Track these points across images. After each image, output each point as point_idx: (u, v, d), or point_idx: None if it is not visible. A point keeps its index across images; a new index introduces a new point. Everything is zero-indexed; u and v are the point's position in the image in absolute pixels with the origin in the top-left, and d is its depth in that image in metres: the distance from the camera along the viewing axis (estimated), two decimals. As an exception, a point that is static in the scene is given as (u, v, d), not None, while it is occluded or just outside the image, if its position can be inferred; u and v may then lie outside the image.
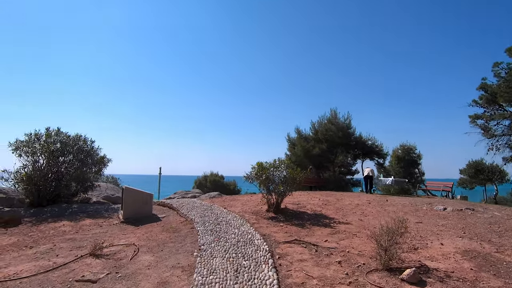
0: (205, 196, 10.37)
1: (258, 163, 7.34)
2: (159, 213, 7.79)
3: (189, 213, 6.99)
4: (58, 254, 4.58)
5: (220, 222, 5.98)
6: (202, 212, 7.10)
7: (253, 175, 7.25)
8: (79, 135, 9.48)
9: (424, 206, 8.22)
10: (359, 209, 8.06)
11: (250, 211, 7.41)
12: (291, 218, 6.73)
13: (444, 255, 4.32)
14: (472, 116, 15.93)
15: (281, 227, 5.95)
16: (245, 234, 5.11)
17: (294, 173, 6.89)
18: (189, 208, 7.64)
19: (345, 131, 16.85)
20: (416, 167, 18.69)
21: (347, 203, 8.99)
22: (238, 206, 8.20)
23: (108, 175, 26.04)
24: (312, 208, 8.10)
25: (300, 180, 7.06)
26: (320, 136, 17.44)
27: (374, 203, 8.99)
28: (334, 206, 8.51)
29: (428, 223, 6.36)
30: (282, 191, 6.67)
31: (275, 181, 7.06)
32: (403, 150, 18.58)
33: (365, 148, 17.82)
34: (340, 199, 9.85)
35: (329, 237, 5.29)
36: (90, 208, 8.37)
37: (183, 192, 12.88)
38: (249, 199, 9.82)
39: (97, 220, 7.16)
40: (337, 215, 7.28)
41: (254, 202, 9.05)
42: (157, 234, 5.57)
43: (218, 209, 7.48)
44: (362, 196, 10.93)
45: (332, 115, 17.51)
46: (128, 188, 7.15)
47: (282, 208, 7.54)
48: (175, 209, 7.90)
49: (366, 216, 7.10)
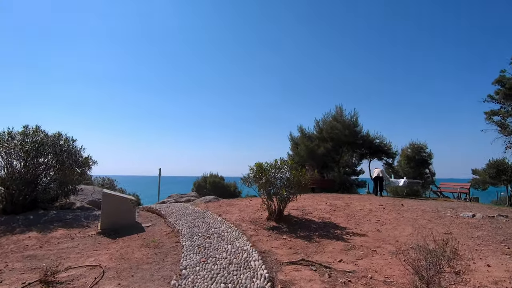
0: (200, 200, 9.41)
1: (257, 164, 6.37)
2: (145, 222, 6.83)
3: (177, 222, 6.02)
4: (3, 279, 3.62)
5: (211, 235, 5.00)
6: (192, 221, 6.13)
7: (251, 178, 6.28)
8: (59, 133, 8.55)
9: (447, 212, 7.19)
10: (373, 215, 7.06)
11: (248, 219, 6.43)
12: (295, 228, 5.74)
13: (498, 284, 3.31)
14: (488, 112, 14.83)
15: (284, 241, 4.96)
16: (239, 252, 4.13)
17: (298, 175, 5.90)
18: (179, 216, 6.68)
19: (352, 129, 15.81)
20: (427, 167, 17.61)
21: (359, 209, 7.98)
22: (234, 213, 7.22)
23: (105, 176, 25.20)
24: (320, 214, 7.10)
25: (306, 183, 6.07)
26: (324, 135, 16.42)
27: (388, 208, 7.97)
28: (344, 212, 7.51)
29: (460, 234, 5.33)
30: (285, 196, 5.68)
31: (276, 185, 6.08)
32: (413, 149, 17.50)
33: (372, 147, 16.77)
34: (349, 204, 8.84)
35: (343, 254, 4.30)
36: (69, 216, 7.42)
37: (178, 195, 11.94)
38: (248, 204, 8.84)
39: (71, 230, 6.20)
40: (349, 223, 6.27)
41: (254, 207, 8.07)
42: (133, 251, 4.60)
43: (212, 216, 6.50)
44: (373, 200, 9.91)
45: (338, 112, 16.49)
46: (108, 193, 6.20)
47: (285, 216, 6.55)
48: (163, 217, 6.93)
49: (383, 225, 6.09)
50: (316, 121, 17.56)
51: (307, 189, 6.01)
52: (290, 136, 18.82)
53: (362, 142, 16.74)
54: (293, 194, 6.04)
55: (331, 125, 16.10)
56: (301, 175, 5.97)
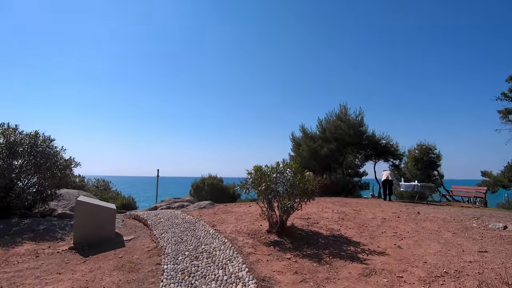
0: (193, 206, 8.56)
1: (256, 167, 5.51)
2: (127, 233, 5.98)
3: (163, 236, 5.16)
4: None
5: (200, 254, 4.14)
6: (181, 234, 5.27)
7: (249, 184, 5.42)
8: (36, 132, 7.70)
9: (473, 223, 6.32)
10: (388, 226, 6.19)
11: (245, 231, 5.57)
12: (301, 244, 4.87)
13: None
14: (502, 111, 13.99)
15: (288, 262, 4.10)
16: (233, 280, 3.27)
17: (304, 180, 5.04)
18: (167, 227, 5.82)
19: (357, 129, 14.95)
20: (436, 169, 16.72)
21: (370, 217, 7.12)
22: (230, 223, 6.36)
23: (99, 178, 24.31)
24: (327, 225, 6.24)
25: (313, 189, 5.21)
26: (328, 135, 15.55)
27: (404, 217, 7.11)
28: (354, 221, 6.64)
29: (498, 253, 4.46)
30: (289, 206, 4.81)
31: (279, 192, 5.22)
32: (421, 150, 16.60)
33: (378, 148, 15.91)
34: (358, 211, 7.98)
35: (363, 283, 3.44)
36: (43, 225, 6.57)
37: (171, 200, 11.08)
38: (246, 211, 7.98)
39: (40, 244, 5.35)
40: (363, 237, 5.41)
41: (252, 215, 7.21)
42: (103, 276, 3.74)
43: (204, 228, 5.64)
44: (384, 206, 9.05)
45: (342, 111, 15.62)
46: (82, 202, 5.34)
47: (288, 227, 5.69)
48: (149, 227, 6.08)
49: (402, 239, 5.23)
50: (319, 120, 16.72)
51: (314, 196, 5.13)
52: (292, 136, 17.98)
53: (368, 142, 15.89)
54: (298, 203, 5.18)
55: (335, 125, 15.24)
56: (307, 181, 5.11)
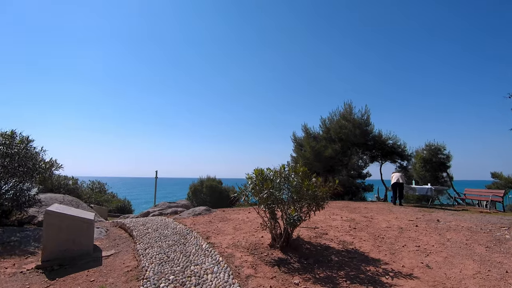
0: (188, 213, 7.77)
1: (256, 171, 4.74)
2: (108, 246, 5.19)
3: (147, 252, 4.38)
4: None
5: (187, 280, 3.36)
6: (168, 249, 4.49)
7: (248, 190, 4.64)
8: (12, 132, 6.93)
9: (505, 234, 5.53)
10: (407, 237, 5.41)
11: (244, 245, 4.79)
12: (310, 263, 4.09)
13: None
14: (517, 109, 13.16)
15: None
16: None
17: (314, 187, 4.26)
18: (154, 239, 5.05)
19: (363, 128, 14.15)
20: (445, 171, 15.90)
21: (384, 226, 6.34)
22: (227, 233, 5.57)
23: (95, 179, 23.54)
24: (338, 236, 5.46)
25: (324, 196, 4.43)
26: (332, 135, 14.76)
27: (422, 226, 6.33)
28: (367, 231, 5.86)
29: (552, 275, 3.68)
30: (295, 218, 4.02)
31: (283, 200, 4.44)
32: (429, 151, 15.80)
33: (385, 148, 15.10)
34: (370, 218, 7.19)
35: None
36: (15, 236, 5.79)
37: (165, 204, 10.30)
38: (245, 218, 7.20)
39: (4, 261, 4.56)
40: (381, 251, 4.63)
41: (252, 224, 6.44)
42: (63, 310, 2.96)
43: (195, 242, 4.86)
44: (396, 212, 8.25)
45: (347, 110, 14.81)
46: (52, 212, 4.56)
47: (294, 239, 4.92)
48: (134, 239, 5.30)
49: (428, 255, 4.45)
50: (322, 119, 15.90)
51: (323, 205, 4.34)
52: (293, 137, 17.18)
53: (374, 143, 15.10)
54: (306, 213, 4.40)
55: (340, 124, 14.44)
56: (317, 187, 4.33)
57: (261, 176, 4.66)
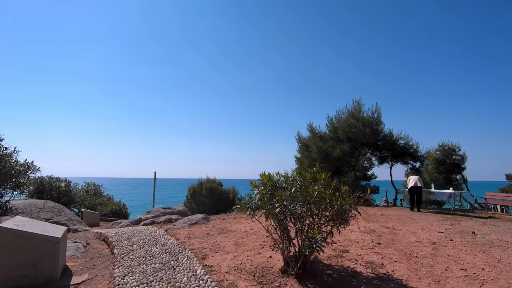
0: (183, 222, 6.82)
1: (264, 176, 3.79)
2: (83, 268, 4.23)
3: (126, 281, 3.43)
4: None
5: (173, 331, 2.41)
6: (154, 275, 3.53)
7: (255, 201, 3.69)
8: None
9: None
10: (445, 256, 4.45)
11: (249, 269, 3.83)
12: (337, 298, 3.13)
13: None
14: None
15: None
16: None
17: (341, 199, 3.30)
18: (137, 261, 4.09)
19: (373, 127, 13.21)
20: (460, 172, 14.94)
21: (413, 240, 5.37)
22: (228, 251, 4.61)
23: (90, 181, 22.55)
24: (362, 255, 4.50)
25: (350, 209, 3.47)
26: (340, 135, 13.81)
27: (457, 239, 5.37)
28: (395, 247, 4.91)
29: None
30: (319, 242, 3.06)
31: (301, 217, 3.48)
32: (443, 151, 14.83)
33: (396, 149, 14.16)
34: (392, 229, 6.23)
35: None
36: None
37: (159, 210, 9.34)
38: (248, 229, 6.24)
39: None
40: (422, 279, 3.66)
41: (257, 236, 5.47)
42: None
43: (189, 264, 3.90)
44: (418, 220, 7.29)
45: (356, 108, 13.86)
46: (7, 229, 3.60)
47: (311, 262, 3.96)
48: (114, 259, 4.35)
49: (483, 284, 3.49)
50: (328, 118, 14.95)
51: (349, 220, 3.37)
52: (298, 137, 16.23)
53: (384, 143, 14.16)
54: (329, 233, 3.44)
55: (348, 123, 13.49)
56: (344, 199, 3.37)
57: (270, 184, 3.71)
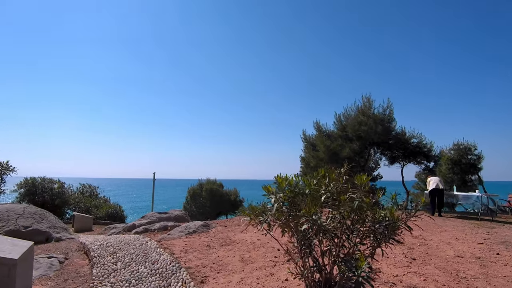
0: (180, 231, 5.97)
1: (280, 179, 2.93)
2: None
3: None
4: None
5: None
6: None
7: (271, 213, 2.83)
8: None
9: None
10: (498, 275, 3.58)
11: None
12: None
13: None
14: None
15: None
16: None
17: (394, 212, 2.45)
18: (121, 284, 3.24)
19: (385, 125, 12.34)
20: (476, 173, 14.07)
21: (452, 254, 4.51)
22: (232, 271, 3.75)
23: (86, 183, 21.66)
24: (398, 275, 3.63)
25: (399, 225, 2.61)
26: (349, 133, 12.95)
27: (503, 252, 4.51)
28: (434, 263, 4.05)
29: None
30: (366, 272, 2.20)
31: (335, 235, 2.62)
32: (458, 151, 13.97)
33: (408, 148, 13.28)
34: (421, 238, 5.37)
35: None
36: None
37: (154, 216, 8.49)
38: (255, 240, 5.37)
39: None
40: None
41: (267, 250, 4.61)
42: None
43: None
44: (446, 228, 6.42)
45: (366, 104, 12.98)
46: None
47: None
48: (92, 281, 3.49)
49: None
50: (336, 115, 14.08)
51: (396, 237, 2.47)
52: (304, 135, 15.36)
53: (395, 141, 13.28)
54: (370, 253, 2.59)
55: (358, 120, 12.63)
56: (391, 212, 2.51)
57: (289, 190, 2.85)
